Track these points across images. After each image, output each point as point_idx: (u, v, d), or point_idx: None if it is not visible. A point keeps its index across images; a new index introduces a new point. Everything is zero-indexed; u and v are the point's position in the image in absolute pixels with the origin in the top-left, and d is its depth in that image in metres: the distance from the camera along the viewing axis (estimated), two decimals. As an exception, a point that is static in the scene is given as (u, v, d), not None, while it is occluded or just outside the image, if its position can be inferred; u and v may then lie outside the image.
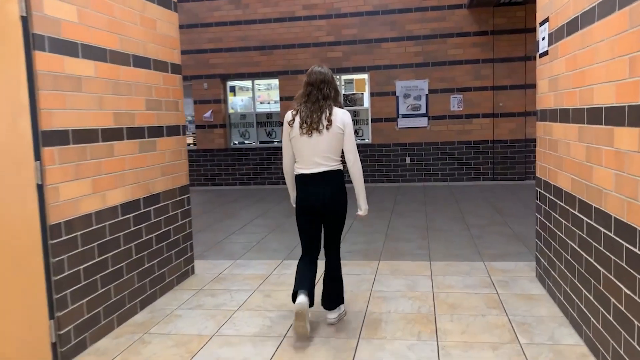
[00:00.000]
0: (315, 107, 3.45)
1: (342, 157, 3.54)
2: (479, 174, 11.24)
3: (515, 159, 11.11)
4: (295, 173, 3.61)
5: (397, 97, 11.32)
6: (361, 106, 11.79)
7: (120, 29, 3.85)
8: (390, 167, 11.51)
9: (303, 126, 3.44)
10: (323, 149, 3.44)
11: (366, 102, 11.73)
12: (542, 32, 4.13)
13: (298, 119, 3.48)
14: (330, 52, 11.45)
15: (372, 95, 11.48)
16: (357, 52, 11.36)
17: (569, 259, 3.53)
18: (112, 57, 3.75)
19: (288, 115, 3.56)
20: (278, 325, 3.70)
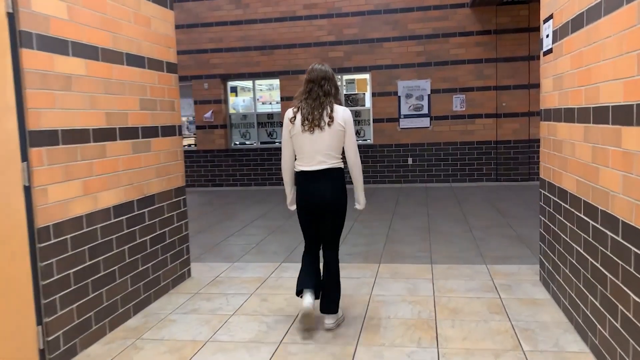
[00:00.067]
0: (316, 104, 3.46)
1: (342, 155, 3.57)
2: (482, 175, 11.12)
3: (519, 159, 10.98)
4: (295, 170, 3.61)
5: (399, 97, 11.21)
6: (363, 106, 11.69)
7: (113, 27, 3.76)
8: (392, 168, 11.40)
9: (305, 123, 3.44)
10: (324, 145, 3.45)
11: (368, 102, 11.63)
12: (546, 29, 4.03)
13: (299, 116, 3.48)
14: (331, 51, 11.35)
15: (374, 95, 11.38)
16: (359, 52, 11.26)
17: (574, 263, 3.42)
18: (105, 56, 3.65)
19: (289, 113, 3.55)
20: (274, 331, 3.61)
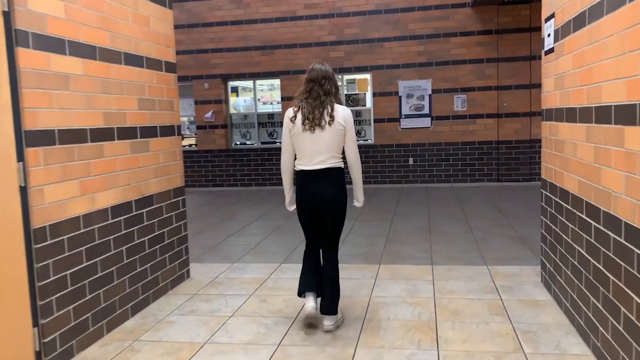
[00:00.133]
0: (316, 103, 3.45)
1: (342, 155, 3.57)
2: (483, 175, 11.07)
3: (520, 160, 10.94)
4: (295, 169, 3.61)
5: (400, 97, 11.18)
6: (363, 106, 11.65)
7: (111, 26, 3.73)
8: (393, 168, 11.36)
9: (305, 122, 3.44)
10: (325, 144, 3.44)
11: (368, 102, 11.59)
12: (548, 28, 3.99)
13: (300, 115, 3.48)
14: (332, 51, 11.32)
15: (375, 95, 11.35)
16: (359, 52, 11.23)
17: (576, 264, 3.38)
18: (102, 55, 3.63)
19: (289, 112, 3.55)
20: (273, 332, 3.57)
